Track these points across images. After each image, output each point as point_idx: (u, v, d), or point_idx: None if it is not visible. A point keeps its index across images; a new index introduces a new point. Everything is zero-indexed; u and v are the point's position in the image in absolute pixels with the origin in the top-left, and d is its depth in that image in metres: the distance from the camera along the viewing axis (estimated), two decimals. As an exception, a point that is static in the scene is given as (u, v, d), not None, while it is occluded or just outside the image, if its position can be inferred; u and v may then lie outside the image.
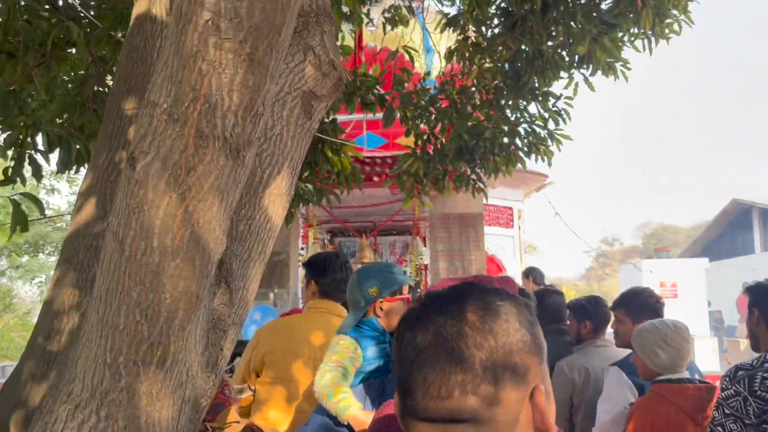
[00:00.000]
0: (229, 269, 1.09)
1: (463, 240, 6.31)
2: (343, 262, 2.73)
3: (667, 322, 2.66)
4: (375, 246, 9.17)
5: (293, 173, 1.28)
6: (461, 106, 4.98)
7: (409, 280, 2.30)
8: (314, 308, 2.69)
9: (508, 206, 9.56)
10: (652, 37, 4.65)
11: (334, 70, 1.28)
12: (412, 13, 5.82)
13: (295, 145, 1.27)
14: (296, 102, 1.25)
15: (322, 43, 1.25)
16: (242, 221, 1.18)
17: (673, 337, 2.57)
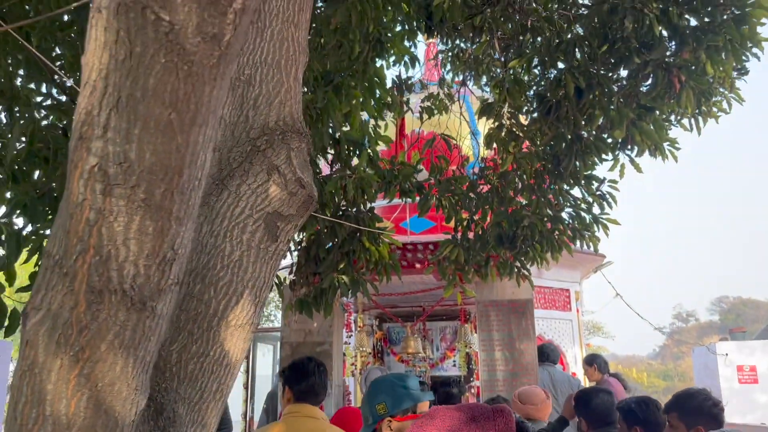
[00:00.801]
0: (172, 416, 0.98)
1: (513, 328, 6.01)
2: (316, 365, 2.83)
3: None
4: (425, 332, 8.91)
5: (257, 300, 1.18)
6: (502, 191, 4.87)
7: (427, 396, 2.10)
8: (289, 413, 2.72)
9: (565, 288, 9.17)
10: (699, 117, 4.48)
11: (301, 188, 1.19)
12: (451, 100, 5.84)
13: (258, 271, 1.17)
14: (258, 225, 1.16)
15: (288, 161, 1.18)
16: (193, 359, 1.08)
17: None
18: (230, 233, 1.14)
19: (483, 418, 1.22)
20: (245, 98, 1.23)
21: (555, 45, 3.64)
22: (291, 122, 1.22)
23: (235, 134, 1.21)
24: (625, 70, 3.73)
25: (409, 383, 2.10)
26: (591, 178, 4.54)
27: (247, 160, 1.17)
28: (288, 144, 1.18)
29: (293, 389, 2.78)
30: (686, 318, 63.95)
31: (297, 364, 2.86)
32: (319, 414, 2.76)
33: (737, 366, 12.32)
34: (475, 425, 1.22)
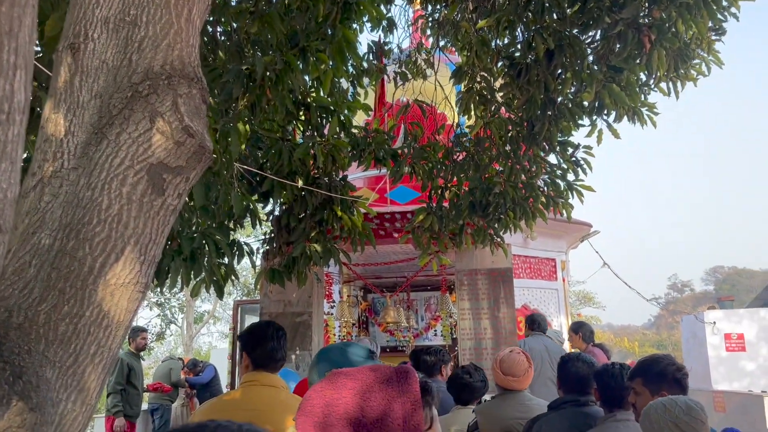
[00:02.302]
0: (35, 381, 0.92)
1: (492, 297, 5.98)
2: (275, 330, 2.66)
3: (678, 402, 2.31)
4: (409, 302, 8.89)
5: (143, 258, 1.11)
6: (477, 158, 4.78)
7: (373, 362, 2.05)
8: (247, 382, 2.60)
9: (551, 258, 9.14)
10: (677, 80, 4.37)
11: (190, 137, 1.11)
12: (431, 66, 5.72)
13: (142, 226, 1.10)
14: (140, 177, 1.08)
15: (174, 108, 1.09)
16: (64, 320, 1.00)
17: (686, 421, 2.22)
18: (108, 186, 1.06)
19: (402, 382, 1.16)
20: (129, 40, 1.14)
21: (524, 5, 3.53)
22: (180, 66, 1.13)
23: (117, 79, 1.13)
24: (595, 30, 3.62)
25: (354, 351, 2.06)
26: (566, 144, 4.45)
27: (127, 107, 1.09)
28: (175, 90, 1.10)
29: (250, 356, 2.66)
30: (681, 288, 64.34)
31: (254, 329, 2.71)
32: (278, 382, 2.64)
33: (725, 334, 12.39)
34: (390, 388, 1.17)
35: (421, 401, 1.13)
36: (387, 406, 1.09)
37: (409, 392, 1.14)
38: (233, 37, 3.93)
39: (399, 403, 1.10)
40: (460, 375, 3.93)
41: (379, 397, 1.11)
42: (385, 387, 1.16)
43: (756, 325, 12.47)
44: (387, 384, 1.16)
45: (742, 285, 53.84)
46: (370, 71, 5.22)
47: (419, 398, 1.12)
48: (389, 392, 1.14)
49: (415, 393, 1.14)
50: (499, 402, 3.71)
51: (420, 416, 1.11)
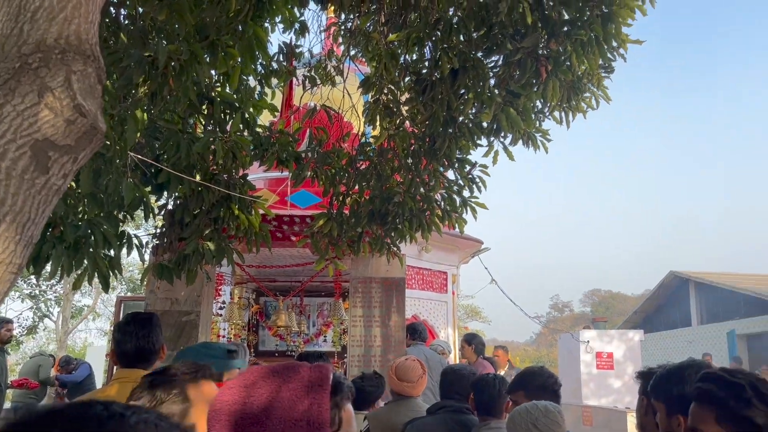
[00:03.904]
0: None
1: (384, 305, 6.09)
2: (141, 324, 2.58)
3: (539, 406, 2.54)
4: (301, 307, 8.85)
5: (19, 238, 1.05)
6: (380, 168, 4.86)
7: (236, 364, 2.05)
8: (120, 378, 2.54)
9: (443, 271, 9.42)
10: (569, 111, 4.66)
11: (81, 116, 1.07)
12: (340, 73, 5.76)
13: (21, 204, 1.04)
14: (23, 152, 1.03)
15: (66, 84, 1.05)
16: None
17: (544, 423, 2.42)
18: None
19: (288, 371, 1.17)
20: (23, 9, 1.08)
21: (433, 23, 3.65)
22: (76, 42, 1.09)
23: (5, 48, 1.07)
24: (499, 55, 3.80)
25: (215, 351, 2.06)
26: (464, 162, 4.63)
27: (14, 78, 1.03)
28: (68, 65, 1.06)
29: (118, 351, 2.59)
30: (562, 308, 68.04)
31: (122, 325, 2.63)
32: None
33: (597, 353, 13.23)
34: (275, 377, 1.17)
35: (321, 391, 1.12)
36: (273, 396, 1.09)
37: (296, 380, 1.15)
38: (138, 22, 3.79)
39: (287, 390, 1.10)
40: (354, 380, 3.98)
41: (263, 388, 1.11)
42: (270, 378, 1.16)
43: (624, 345, 13.42)
44: (273, 375, 1.17)
45: (615, 308, 57.52)
46: (280, 72, 5.18)
47: (311, 386, 1.12)
48: (275, 382, 1.15)
49: (307, 381, 1.14)
50: (392, 408, 3.78)
51: (323, 407, 1.11)
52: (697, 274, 21.22)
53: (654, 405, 2.15)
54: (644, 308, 25.00)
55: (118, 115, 3.37)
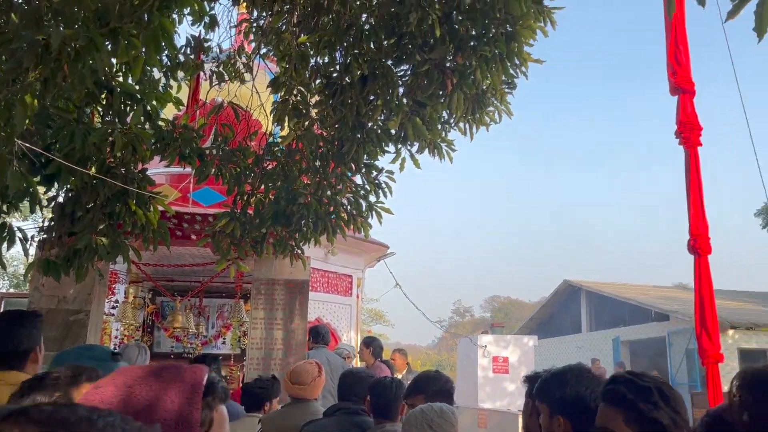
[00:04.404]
0: None
1: (287, 308, 6.03)
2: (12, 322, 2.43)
3: (434, 407, 2.63)
4: (200, 308, 8.61)
5: None
6: (287, 169, 4.83)
7: (117, 366, 1.99)
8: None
9: (348, 274, 9.46)
10: (473, 123, 4.83)
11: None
12: (249, 71, 5.66)
13: None
14: None
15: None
16: None
17: (438, 423, 2.52)
18: None
19: (165, 371, 1.14)
20: None
21: (345, 29, 3.68)
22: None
23: None
24: (408, 65, 3.88)
25: (96, 354, 1.99)
26: (371, 167, 4.69)
27: None
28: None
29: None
30: (463, 313, 70.04)
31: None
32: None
33: (493, 357, 13.74)
34: (153, 379, 1.14)
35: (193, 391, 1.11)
36: (150, 395, 1.07)
37: (172, 380, 1.13)
38: (33, 3, 3.56)
39: (163, 390, 1.08)
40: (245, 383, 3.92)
41: (144, 388, 1.09)
42: (154, 379, 1.14)
43: (519, 350, 14.01)
44: (151, 375, 1.15)
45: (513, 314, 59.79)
46: (186, 65, 5.04)
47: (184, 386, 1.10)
48: (153, 382, 1.12)
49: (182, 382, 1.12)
50: (287, 411, 3.76)
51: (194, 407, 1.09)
52: (588, 284, 22.47)
53: (538, 407, 2.25)
54: (539, 315, 26.19)
55: (5, 100, 3.15)
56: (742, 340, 15.96)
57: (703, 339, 5.79)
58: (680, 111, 6.05)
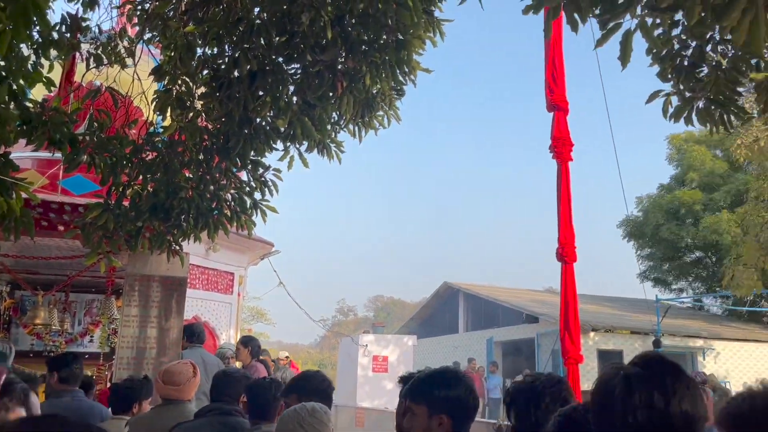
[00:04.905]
0: None
1: (163, 306, 5.79)
2: None
3: (306, 406, 2.62)
4: (66, 304, 8.05)
5: None
6: (168, 160, 4.64)
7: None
8: None
9: (230, 271, 9.24)
10: (363, 126, 4.89)
11: None
12: (132, 56, 5.38)
13: None
14: None
15: None
16: None
17: (309, 422, 2.53)
18: None
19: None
20: None
21: (235, 22, 3.60)
22: None
23: None
24: (299, 64, 3.87)
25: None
26: (258, 164, 4.61)
27: None
28: None
29: None
30: (347, 312, 70.49)
31: None
32: None
33: (374, 356, 13.95)
34: None
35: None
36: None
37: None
38: None
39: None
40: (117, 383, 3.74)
41: None
42: None
43: (399, 349, 14.32)
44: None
45: (396, 314, 60.90)
46: (60, 44, 4.70)
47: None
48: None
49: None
50: (157, 413, 3.62)
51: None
52: (466, 286, 23.38)
53: (413, 407, 2.29)
54: (420, 315, 26.91)
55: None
56: (602, 342, 17.27)
57: (566, 341, 6.24)
58: (555, 127, 6.48)
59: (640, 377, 1.25)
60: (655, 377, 1.23)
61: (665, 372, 1.25)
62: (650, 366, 1.27)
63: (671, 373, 1.24)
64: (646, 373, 1.26)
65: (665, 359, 1.32)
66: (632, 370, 1.28)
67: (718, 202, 20.96)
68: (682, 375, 1.25)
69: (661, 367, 1.26)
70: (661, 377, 1.23)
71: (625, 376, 1.26)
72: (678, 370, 1.27)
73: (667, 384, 1.21)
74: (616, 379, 1.27)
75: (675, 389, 1.21)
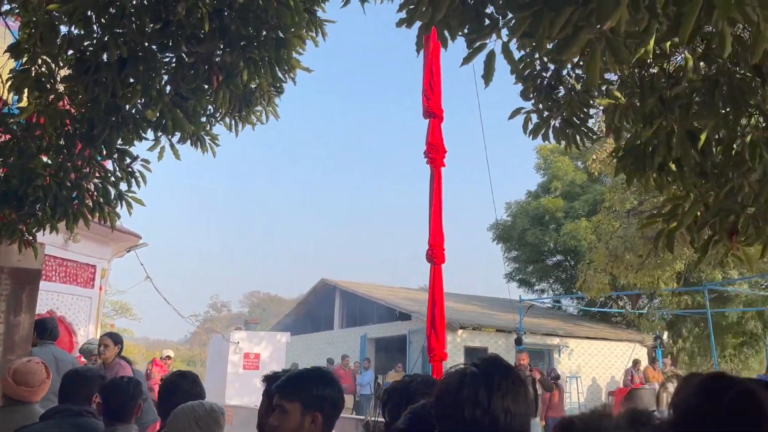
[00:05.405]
0: None
1: (12, 299, 5.36)
2: None
3: (204, 404, 2.63)
4: None
5: None
6: (24, 144, 4.31)
7: None
8: None
9: (92, 264, 8.71)
10: (240, 121, 4.83)
11: None
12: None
13: None
14: None
15: None
16: None
17: (206, 421, 2.52)
18: None
19: None
20: None
21: (105, 4, 3.42)
22: None
23: None
24: (174, 53, 3.75)
25: None
26: (125, 153, 4.41)
27: None
28: None
29: None
30: (221, 308, 68.53)
31: None
32: None
33: (245, 353, 13.72)
34: None
35: None
36: None
37: None
38: None
39: None
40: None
41: None
42: None
43: (272, 346, 14.18)
44: None
45: (272, 310, 60.08)
46: None
47: None
48: None
49: None
50: (2, 415, 3.37)
51: None
52: (343, 283, 23.56)
53: (285, 404, 2.30)
54: (296, 311, 26.75)
55: None
56: (469, 339, 18.10)
57: (431, 339, 6.52)
58: (429, 133, 6.75)
59: (473, 375, 1.37)
60: (484, 376, 1.36)
61: (495, 371, 1.37)
62: (484, 366, 1.40)
63: (500, 372, 1.37)
64: (478, 372, 1.38)
65: (499, 360, 1.45)
66: (468, 370, 1.39)
67: (577, 211, 22.63)
68: (511, 374, 1.38)
69: (492, 367, 1.39)
70: (489, 376, 1.35)
71: (461, 374, 1.38)
72: (507, 369, 1.40)
73: (494, 382, 1.34)
74: (452, 378, 1.38)
75: (500, 386, 1.33)
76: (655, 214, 2.76)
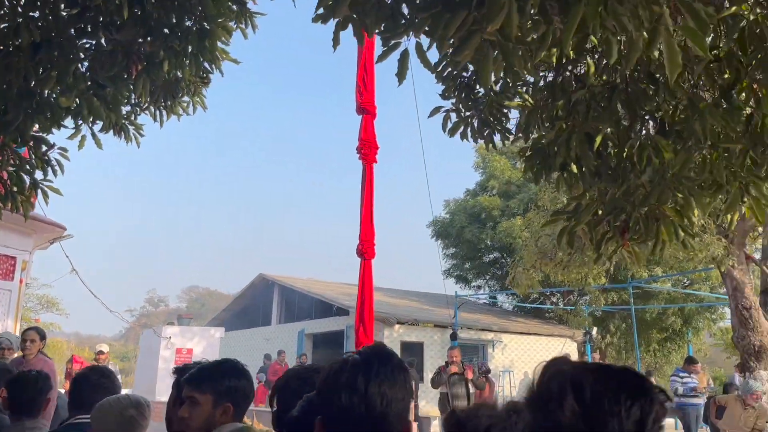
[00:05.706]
0: None
1: None
2: None
3: (131, 397, 2.67)
4: None
5: None
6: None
7: None
8: None
9: (12, 255, 8.36)
10: (164, 111, 4.75)
11: None
12: None
13: None
14: None
15: None
16: None
17: (131, 414, 2.55)
18: None
19: None
20: None
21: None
22: None
23: None
24: (90, 40, 3.67)
25: None
26: (41, 141, 4.27)
27: None
28: None
29: None
30: (157, 303, 66.95)
31: None
32: None
33: (177, 349, 13.46)
34: None
35: None
36: None
37: None
38: None
39: None
40: None
41: None
42: None
43: (205, 341, 13.96)
44: None
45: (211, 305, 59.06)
46: None
47: None
48: None
49: None
50: None
51: None
52: (282, 278, 23.37)
53: (196, 396, 2.30)
54: (233, 306, 26.33)
55: None
56: (405, 334, 18.29)
57: (360, 333, 6.59)
58: (362, 129, 6.80)
59: (354, 362, 1.42)
60: (364, 363, 1.41)
61: (375, 358, 1.43)
62: (365, 353, 1.45)
63: (380, 360, 1.42)
64: (359, 360, 1.43)
65: (382, 348, 1.50)
66: (350, 358, 1.45)
67: (513, 209, 23.17)
68: (391, 361, 1.44)
69: (373, 355, 1.45)
70: (369, 363, 1.41)
71: (343, 362, 1.43)
72: (389, 356, 1.46)
73: (373, 369, 1.39)
74: (334, 365, 1.43)
75: (378, 373, 1.39)
76: (558, 212, 2.90)
